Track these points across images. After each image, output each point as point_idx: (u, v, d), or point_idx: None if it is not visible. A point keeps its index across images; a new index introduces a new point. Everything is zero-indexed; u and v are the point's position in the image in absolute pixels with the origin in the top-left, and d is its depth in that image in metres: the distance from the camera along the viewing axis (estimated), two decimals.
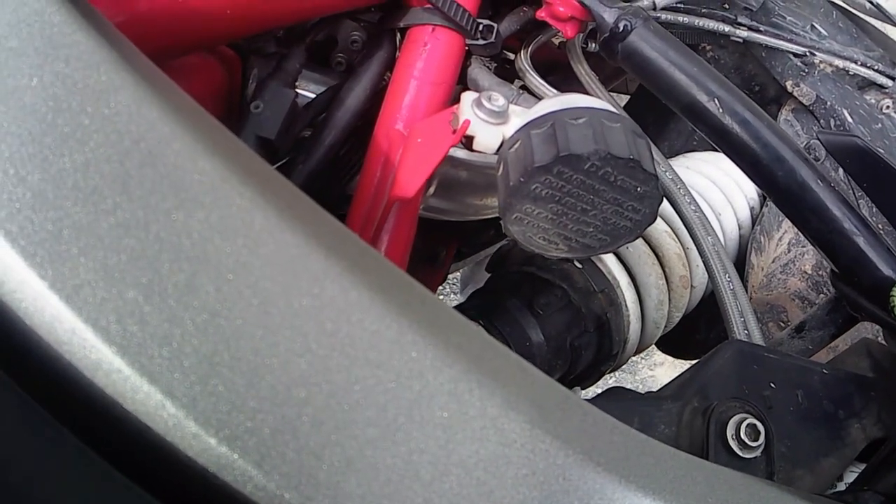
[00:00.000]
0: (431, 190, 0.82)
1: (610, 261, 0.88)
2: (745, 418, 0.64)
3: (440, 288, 2.59)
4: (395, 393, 0.41)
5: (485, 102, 0.70)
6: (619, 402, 0.75)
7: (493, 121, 0.70)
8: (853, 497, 0.65)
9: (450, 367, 0.43)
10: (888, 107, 1.26)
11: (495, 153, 0.71)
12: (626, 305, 0.88)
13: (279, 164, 0.82)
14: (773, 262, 1.12)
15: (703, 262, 0.80)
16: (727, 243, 1.08)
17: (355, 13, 0.87)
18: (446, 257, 1.14)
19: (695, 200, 0.82)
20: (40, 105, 0.41)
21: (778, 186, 0.80)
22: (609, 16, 0.84)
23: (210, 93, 0.80)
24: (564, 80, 0.96)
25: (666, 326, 0.97)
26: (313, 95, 0.90)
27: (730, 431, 0.64)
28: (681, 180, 0.82)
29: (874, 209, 1.09)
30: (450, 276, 2.48)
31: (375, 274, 0.44)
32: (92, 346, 0.38)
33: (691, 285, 0.95)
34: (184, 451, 0.38)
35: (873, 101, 1.25)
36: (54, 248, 0.39)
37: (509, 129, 0.71)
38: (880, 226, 1.08)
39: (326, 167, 0.81)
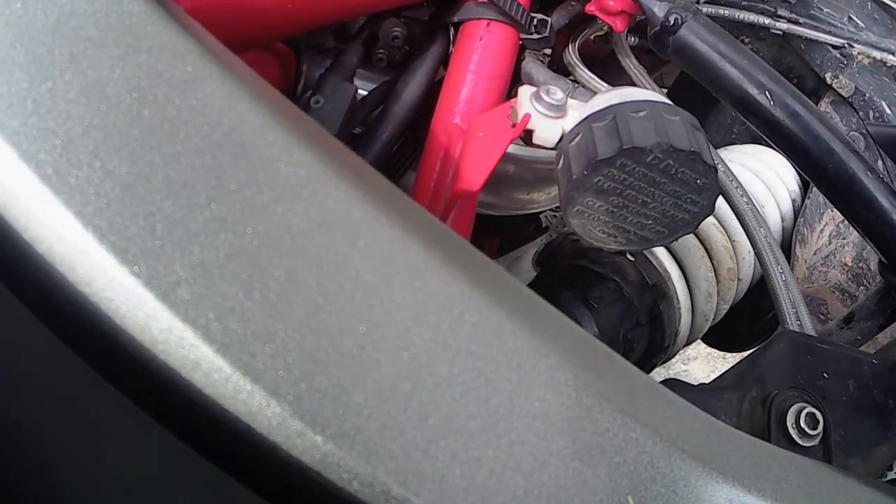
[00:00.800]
0: None
1: (661, 254, 0.89)
2: (804, 407, 0.65)
3: None
4: (496, 384, 0.42)
5: (543, 96, 0.70)
6: (683, 393, 0.75)
7: (552, 114, 0.70)
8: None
9: (546, 358, 0.44)
10: None
11: (554, 147, 0.71)
12: (677, 298, 0.88)
13: None
14: (814, 254, 1.12)
15: (756, 252, 0.80)
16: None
17: (402, 9, 0.87)
18: (489, 251, 1.14)
19: (746, 192, 0.82)
20: (124, 96, 0.40)
21: (828, 178, 0.81)
22: (659, 10, 0.84)
23: None
24: (605, 74, 0.97)
25: (714, 319, 0.97)
26: (363, 92, 0.91)
27: (790, 420, 0.64)
28: (732, 172, 0.83)
29: None
30: None
31: (472, 267, 0.45)
32: (191, 346, 0.37)
33: (738, 278, 0.96)
34: (288, 450, 0.38)
35: None
36: (147, 244, 0.37)
37: (568, 122, 0.71)
38: None
39: (382, 162, 0.82)
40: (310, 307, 0.39)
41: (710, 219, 0.94)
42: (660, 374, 2.70)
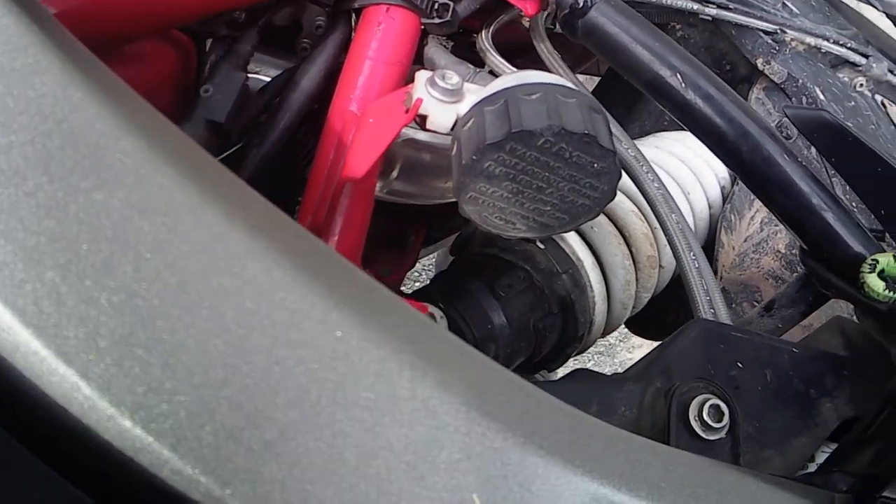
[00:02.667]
0: (395, 173, 0.80)
1: (574, 241, 0.86)
2: (709, 399, 0.63)
3: (416, 274, 2.59)
4: (318, 374, 0.39)
5: (438, 81, 0.68)
6: (579, 384, 0.73)
7: (446, 99, 0.68)
8: (822, 479, 0.61)
9: (378, 348, 0.41)
10: (861, 84, 1.24)
11: (450, 132, 0.68)
12: (591, 286, 0.86)
13: (234, 149, 0.79)
14: (745, 241, 1.10)
15: (668, 240, 0.78)
16: (697, 222, 1.06)
17: None
18: (415, 242, 1.12)
19: (658, 178, 0.80)
20: None
21: (743, 162, 0.78)
22: None
23: (164, 78, 0.79)
24: (533, 62, 0.94)
25: (634, 307, 0.95)
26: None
27: (692, 412, 0.62)
28: (644, 158, 0.80)
29: (847, 188, 1.07)
30: (427, 263, 2.47)
31: (304, 255, 0.42)
32: (10, 328, 0.36)
33: (660, 265, 0.93)
34: (100, 434, 0.37)
35: (846, 79, 1.23)
36: None
37: (463, 107, 0.68)
38: (853, 204, 1.06)
39: (283, 151, 0.79)
40: (124, 292, 0.38)
41: (630, 206, 0.92)
42: (605, 362, 2.69)
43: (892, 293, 0.68)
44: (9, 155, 0.39)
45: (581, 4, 0.80)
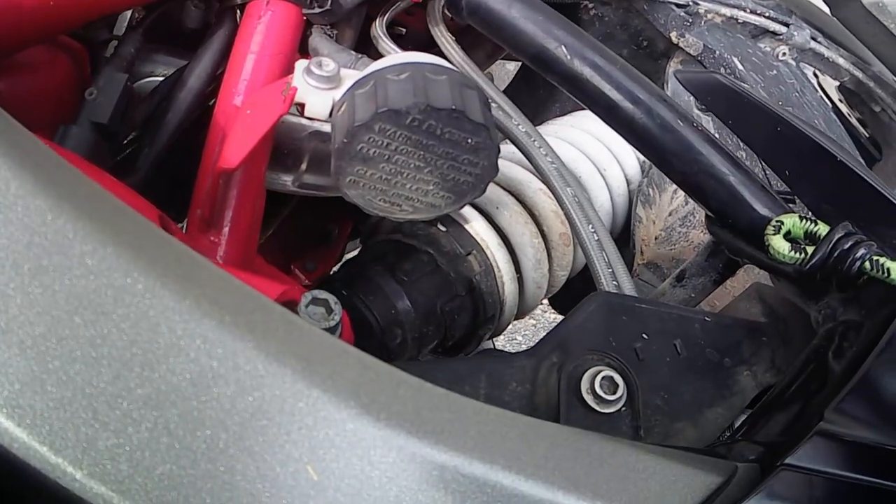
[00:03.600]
0: (304, 166, 0.80)
1: (478, 222, 0.86)
2: (601, 370, 0.62)
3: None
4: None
5: (314, 69, 0.68)
6: (470, 361, 0.72)
7: (323, 86, 0.68)
8: (727, 448, 0.60)
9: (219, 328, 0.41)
10: (784, 53, 1.24)
11: (328, 119, 0.68)
12: (497, 266, 0.86)
13: (126, 151, 0.79)
14: (669, 215, 1.09)
15: (564, 212, 0.77)
16: (615, 198, 1.06)
17: None
18: (340, 235, 1.12)
19: (553, 152, 0.80)
20: None
21: (637, 130, 0.78)
22: None
23: (58, 85, 0.79)
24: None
25: (552, 286, 0.94)
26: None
27: (584, 385, 0.61)
28: (536, 132, 0.80)
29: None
30: None
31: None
32: None
33: (574, 242, 0.93)
34: None
35: (768, 48, 1.23)
36: None
37: (339, 93, 0.68)
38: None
39: (178, 150, 0.79)
40: None
41: (538, 184, 0.92)
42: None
43: (797, 254, 0.67)
44: None
45: None
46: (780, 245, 0.68)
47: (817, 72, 1.40)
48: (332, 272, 0.90)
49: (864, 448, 0.54)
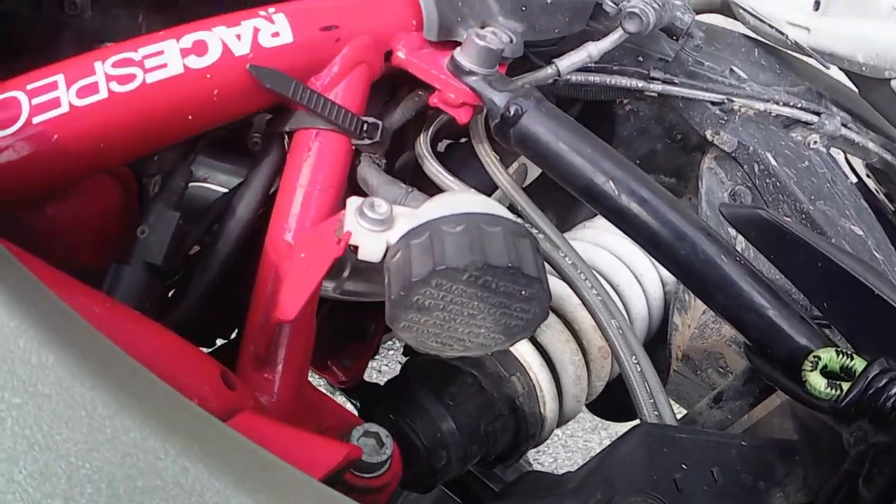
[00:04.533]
0: (346, 273, 0.81)
1: (522, 343, 0.87)
2: None
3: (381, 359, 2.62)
4: None
5: (367, 211, 0.69)
6: (521, 497, 0.74)
7: (376, 229, 0.69)
8: None
9: None
10: (815, 142, 1.25)
11: (380, 262, 0.69)
12: (540, 386, 0.87)
13: (176, 278, 0.80)
14: (703, 313, 1.10)
15: (609, 344, 0.79)
16: (651, 303, 1.07)
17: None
18: (376, 332, 1.13)
19: (598, 282, 0.80)
20: None
21: (681, 264, 0.79)
22: (499, 100, 0.83)
23: (104, 210, 0.80)
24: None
25: (589, 396, 0.96)
26: (222, 189, 0.89)
27: None
28: (583, 263, 0.81)
29: None
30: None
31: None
32: None
33: (612, 353, 0.94)
34: None
35: (799, 138, 1.24)
36: None
37: (394, 235, 0.70)
38: None
39: (226, 276, 0.80)
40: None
41: (577, 300, 0.92)
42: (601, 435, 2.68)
43: (833, 391, 0.68)
44: None
45: (512, 113, 0.81)
46: (817, 382, 0.69)
47: (847, 157, 1.42)
48: (380, 390, 0.91)
49: None
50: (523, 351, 0.86)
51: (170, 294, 0.82)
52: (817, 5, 1.27)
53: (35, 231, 0.73)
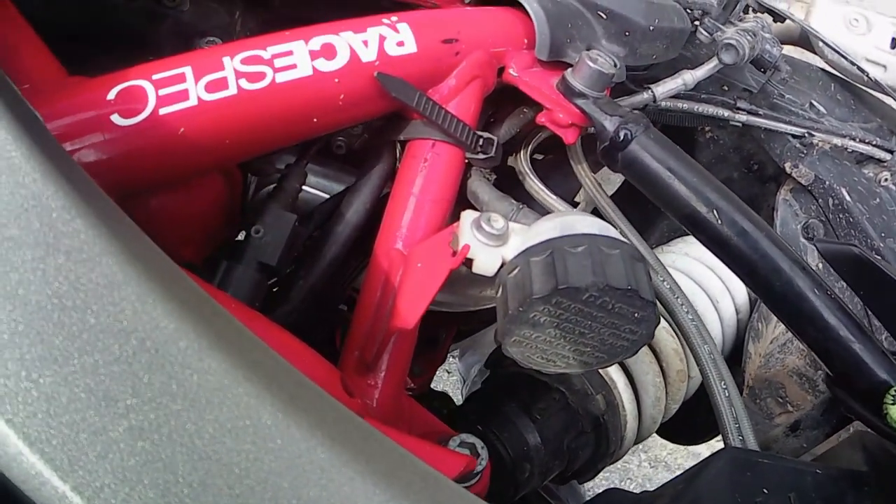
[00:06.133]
0: None
1: None
2: None
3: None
4: None
5: (484, 225, 0.71)
6: None
7: (492, 243, 0.71)
8: None
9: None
10: (886, 179, 1.27)
11: (494, 275, 0.71)
12: (623, 405, 0.90)
13: (278, 279, 0.82)
14: (770, 343, 1.12)
15: (700, 369, 0.81)
16: (725, 330, 1.09)
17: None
18: (446, 339, 1.16)
19: (693, 308, 0.83)
20: (45, 302, 0.41)
21: (775, 296, 0.82)
22: (610, 124, 0.85)
23: (208, 205, 0.82)
24: (560, 165, 0.96)
25: (664, 418, 0.98)
26: (318, 193, 0.90)
27: None
28: (679, 289, 0.83)
29: None
30: None
31: (376, 457, 0.45)
32: None
33: (689, 376, 0.96)
34: None
35: (871, 174, 1.25)
36: (73, 453, 0.39)
37: (509, 251, 0.71)
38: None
39: (327, 282, 0.82)
40: None
41: (661, 322, 0.94)
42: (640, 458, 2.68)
43: None
44: (96, 375, 0.41)
45: (622, 138, 0.83)
46: None
47: None
48: (466, 402, 0.93)
49: None
50: (610, 370, 0.88)
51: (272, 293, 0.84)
52: (895, 43, 1.30)
53: (138, 222, 0.75)
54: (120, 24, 0.89)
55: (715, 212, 0.81)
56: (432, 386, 1.22)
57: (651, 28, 0.95)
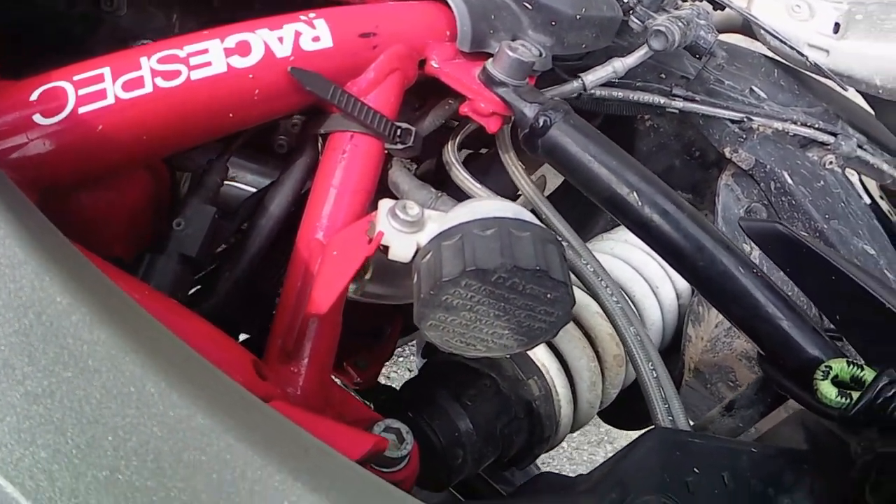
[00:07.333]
0: (368, 275, 0.84)
1: (539, 348, 0.92)
2: None
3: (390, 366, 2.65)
4: None
5: (399, 213, 0.73)
6: (537, 496, 0.77)
7: (407, 230, 0.74)
8: None
9: None
10: (831, 162, 1.29)
11: (410, 262, 0.73)
12: (556, 391, 0.93)
13: (205, 272, 0.84)
14: (715, 326, 1.14)
15: (626, 351, 0.82)
16: (665, 315, 1.12)
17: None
18: (391, 333, 1.18)
19: (619, 291, 0.85)
20: None
21: (700, 275, 0.84)
22: (529, 111, 0.87)
23: (136, 201, 0.85)
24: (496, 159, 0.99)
25: (603, 403, 0.99)
26: (249, 189, 0.93)
27: None
28: (603, 271, 0.85)
29: None
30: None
31: (259, 427, 0.47)
32: (13, 499, 0.42)
33: (626, 361, 0.97)
34: None
35: (815, 157, 1.28)
36: None
37: (424, 237, 0.74)
38: None
39: (251, 275, 0.84)
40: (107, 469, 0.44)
41: (595, 307, 0.96)
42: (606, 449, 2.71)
43: (843, 399, 0.72)
44: None
45: (541, 124, 0.86)
46: (827, 391, 0.73)
47: (861, 178, 1.45)
48: (400, 390, 0.95)
49: None
50: (541, 355, 0.91)
51: (197, 288, 0.86)
52: (837, 28, 1.32)
53: (70, 220, 0.77)
54: (61, 30, 0.92)
55: (635, 193, 0.83)
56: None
57: (578, 17, 0.97)
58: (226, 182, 0.91)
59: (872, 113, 1.42)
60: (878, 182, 1.47)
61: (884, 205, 1.62)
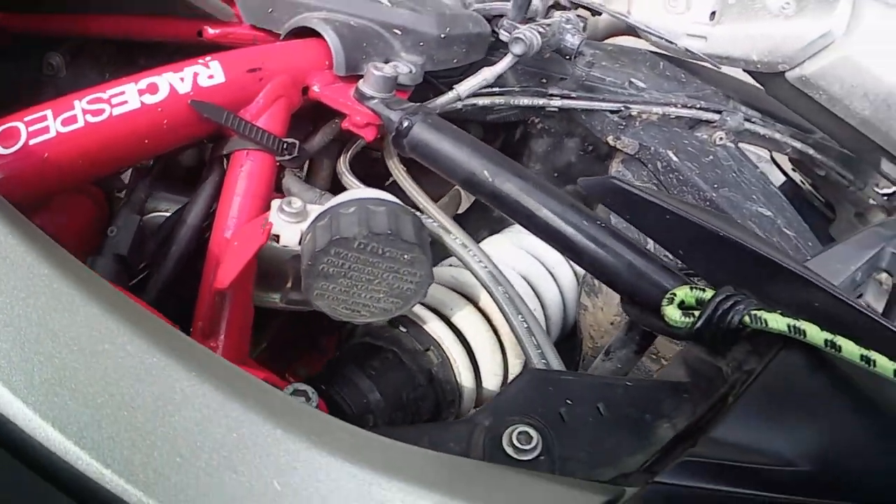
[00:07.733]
0: (289, 284, 1.04)
1: (434, 322, 1.10)
2: (518, 427, 0.76)
3: None
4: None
5: (285, 207, 0.94)
6: (417, 428, 0.93)
7: (293, 220, 0.94)
8: (623, 478, 0.73)
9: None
10: (721, 138, 1.49)
11: (298, 246, 0.95)
12: (453, 358, 1.09)
13: (140, 277, 1.08)
14: (618, 303, 1.28)
15: (499, 308, 1.00)
16: (565, 293, 1.27)
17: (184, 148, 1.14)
18: (327, 344, 1.38)
19: (486, 257, 1.03)
20: None
21: (551, 233, 0.98)
22: (395, 116, 1.08)
23: (82, 222, 1.07)
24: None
25: (511, 373, 1.15)
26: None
27: (504, 440, 0.76)
28: (472, 242, 1.04)
29: None
30: None
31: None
32: None
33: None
34: None
35: (705, 136, 1.48)
36: None
37: (306, 225, 0.94)
38: None
39: (183, 275, 1.07)
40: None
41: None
42: None
43: (687, 318, 0.82)
44: None
45: (405, 126, 1.06)
46: (672, 313, 0.83)
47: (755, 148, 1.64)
48: (318, 372, 1.12)
49: (725, 467, 0.67)
50: (435, 328, 1.08)
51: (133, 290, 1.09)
52: (713, 15, 1.50)
53: None
54: (11, 91, 1.15)
55: (485, 171, 1.00)
56: None
57: (443, 36, 1.20)
58: (157, 213, 1.14)
59: (763, 89, 1.59)
60: (775, 151, 1.64)
61: (797, 177, 1.83)
